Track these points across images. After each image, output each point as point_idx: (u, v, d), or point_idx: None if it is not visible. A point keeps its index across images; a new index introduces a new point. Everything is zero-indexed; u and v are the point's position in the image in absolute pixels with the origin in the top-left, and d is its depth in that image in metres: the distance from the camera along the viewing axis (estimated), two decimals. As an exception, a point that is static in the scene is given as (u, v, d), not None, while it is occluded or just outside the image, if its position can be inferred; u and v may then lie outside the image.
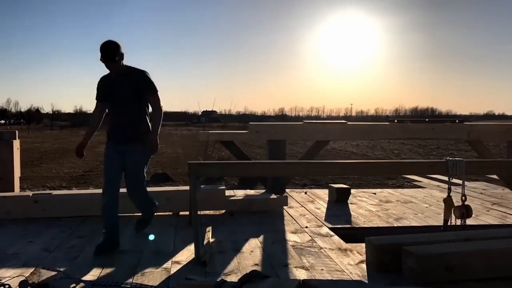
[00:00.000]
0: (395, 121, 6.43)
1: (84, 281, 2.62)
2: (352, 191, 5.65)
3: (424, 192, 6.18)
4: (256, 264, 3.00)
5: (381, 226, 4.18)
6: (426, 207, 5.03)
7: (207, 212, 4.53)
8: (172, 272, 2.84)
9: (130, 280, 2.67)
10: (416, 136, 6.60)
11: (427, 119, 6.50)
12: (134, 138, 3.38)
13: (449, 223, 3.39)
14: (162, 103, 3.46)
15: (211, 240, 3.53)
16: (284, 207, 4.77)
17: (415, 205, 5.15)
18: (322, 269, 2.89)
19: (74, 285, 2.57)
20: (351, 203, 5.18)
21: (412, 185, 7.89)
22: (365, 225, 4.19)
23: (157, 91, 3.43)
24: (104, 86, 3.46)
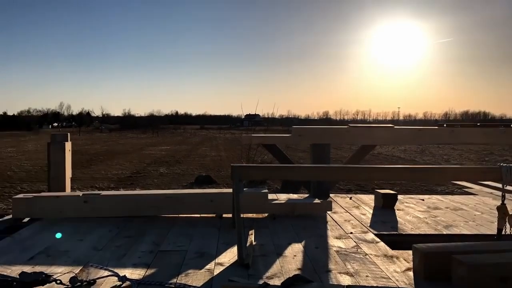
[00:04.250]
0: (445, 125, 6.21)
1: (130, 280, 2.68)
2: (399, 197, 5.50)
3: (475, 199, 5.92)
4: (299, 269, 2.96)
5: (429, 233, 4.04)
6: (478, 214, 4.82)
7: (249, 214, 4.53)
8: (215, 273, 2.86)
9: (174, 280, 2.71)
10: (467, 141, 6.34)
11: (478, 123, 6.24)
12: None
13: (503, 232, 3.23)
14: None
15: (254, 243, 3.52)
16: (328, 212, 4.71)
17: (466, 212, 4.95)
18: (367, 276, 2.82)
19: (120, 283, 2.64)
20: (397, 209, 5.05)
21: (462, 191, 7.60)
22: (412, 232, 4.06)
23: None
24: None
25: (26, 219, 4.49)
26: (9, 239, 3.70)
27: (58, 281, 2.61)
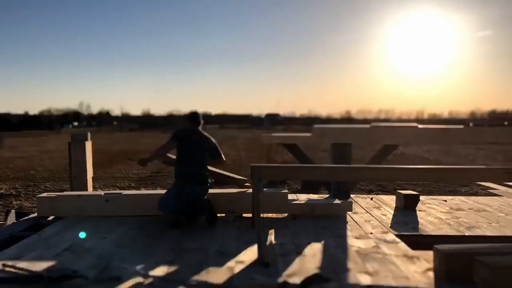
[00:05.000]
0: (470, 124, 6.10)
1: (152, 277, 2.73)
2: (421, 198, 5.44)
3: (500, 200, 5.81)
4: (319, 268, 2.96)
5: (451, 234, 3.98)
6: (502, 216, 4.73)
7: (269, 214, 4.54)
8: (235, 271, 2.88)
9: (195, 278, 2.74)
10: (494, 141, 6.21)
11: (506, 123, 6.12)
12: (201, 181, 4.29)
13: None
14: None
15: (274, 242, 3.53)
16: (349, 212, 4.68)
17: (490, 213, 4.86)
18: (386, 276, 2.81)
19: (143, 279, 2.69)
20: (419, 210, 4.99)
21: (487, 192, 7.46)
22: (434, 233, 4.01)
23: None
24: (185, 138, 4.36)
25: (51, 217, 4.60)
26: (35, 236, 3.80)
27: (84, 277, 2.68)
